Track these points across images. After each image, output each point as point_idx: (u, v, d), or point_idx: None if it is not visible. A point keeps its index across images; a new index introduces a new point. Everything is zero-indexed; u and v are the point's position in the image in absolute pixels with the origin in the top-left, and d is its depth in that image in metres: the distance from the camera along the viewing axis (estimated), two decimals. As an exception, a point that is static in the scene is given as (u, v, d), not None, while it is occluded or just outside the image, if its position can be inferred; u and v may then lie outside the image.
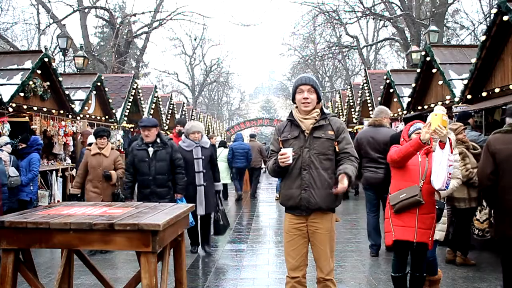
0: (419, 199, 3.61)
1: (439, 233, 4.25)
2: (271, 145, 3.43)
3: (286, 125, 3.36)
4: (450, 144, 3.55)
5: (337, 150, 3.23)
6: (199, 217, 6.18)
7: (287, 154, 3.08)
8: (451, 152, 3.56)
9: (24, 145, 6.80)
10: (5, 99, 7.61)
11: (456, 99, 8.17)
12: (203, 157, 6.03)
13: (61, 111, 9.85)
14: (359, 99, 16.07)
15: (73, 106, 10.07)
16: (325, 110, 3.36)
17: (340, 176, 3.09)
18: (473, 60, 7.53)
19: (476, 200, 5.34)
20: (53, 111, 9.51)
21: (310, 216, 3.22)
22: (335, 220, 3.37)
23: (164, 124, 17.67)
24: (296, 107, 3.34)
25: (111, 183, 6.46)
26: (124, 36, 22.19)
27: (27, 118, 8.46)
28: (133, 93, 13.98)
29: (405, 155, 3.66)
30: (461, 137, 5.26)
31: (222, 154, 12.10)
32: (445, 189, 3.65)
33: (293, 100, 3.35)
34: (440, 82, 8.98)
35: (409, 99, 10.54)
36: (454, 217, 5.54)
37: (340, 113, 20.65)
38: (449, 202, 5.26)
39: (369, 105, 14.28)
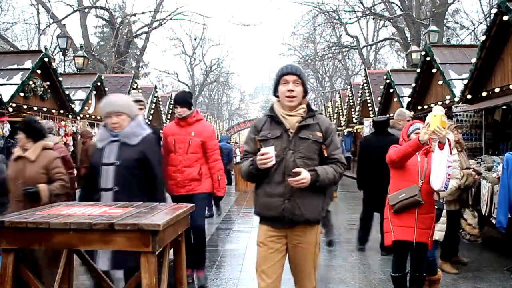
0: (419, 199, 3.60)
1: (439, 233, 4.23)
2: (245, 145, 2.91)
3: (265, 122, 2.83)
4: (449, 145, 3.54)
5: (325, 155, 2.77)
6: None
7: (269, 154, 2.61)
8: (450, 153, 3.55)
9: None
10: (5, 99, 7.61)
11: (456, 99, 8.17)
12: (118, 162, 3.32)
13: (61, 111, 9.85)
14: (359, 99, 16.09)
15: (73, 106, 10.08)
16: (313, 107, 2.91)
17: (302, 169, 2.63)
18: (473, 60, 7.54)
19: (463, 202, 5.36)
20: (53, 111, 9.51)
21: (292, 229, 2.74)
22: (320, 231, 2.94)
23: (164, 124, 17.66)
24: (278, 101, 2.84)
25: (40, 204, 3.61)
26: (124, 36, 22.20)
27: (27, 118, 8.45)
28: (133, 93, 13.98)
29: (404, 155, 3.65)
30: (455, 137, 5.11)
31: None
32: (444, 190, 3.64)
33: (275, 93, 2.85)
34: (440, 82, 8.98)
35: (409, 99, 10.54)
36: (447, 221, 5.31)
37: (340, 113, 20.66)
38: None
39: (369, 105, 14.29)
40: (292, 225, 2.72)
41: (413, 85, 10.25)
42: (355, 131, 18.07)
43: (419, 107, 10.35)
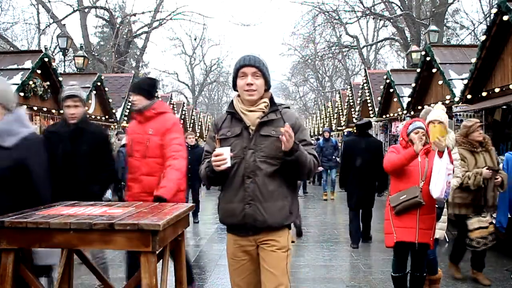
0: (420, 200, 3.60)
1: (439, 232, 4.25)
2: (206, 145, 2.65)
3: (225, 119, 2.57)
4: (449, 153, 3.56)
5: None
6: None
7: (223, 155, 2.35)
8: (451, 162, 3.57)
9: None
10: (5, 99, 7.61)
11: (456, 99, 8.17)
12: None
13: (61, 111, 9.84)
14: (359, 99, 16.09)
15: (73, 106, 10.07)
16: (276, 100, 2.59)
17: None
18: (473, 60, 7.54)
19: (477, 206, 4.72)
20: (53, 111, 9.51)
21: (259, 235, 2.47)
22: (291, 240, 2.64)
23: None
24: (239, 95, 2.56)
25: None
26: (124, 36, 22.19)
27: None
28: (133, 93, 13.98)
29: (398, 166, 3.70)
30: (477, 136, 4.76)
31: None
32: (444, 198, 3.65)
33: (234, 87, 2.58)
34: (440, 82, 8.98)
35: (409, 99, 10.55)
36: (455, 227, 5.10)
37: (340, 113, 20.67)
38: (451, 209, 4.86)
39: (369, 105, 14.29)
40: (256, 231, 2.46)
41: (413, 85, 10.25)
42: (355, 130, 18.05)
43: (419, 107, 10.34)
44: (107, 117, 12.45)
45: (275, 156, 2.41)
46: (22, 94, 8.17)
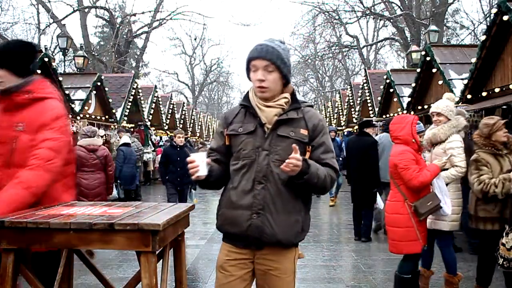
0: (442, 205, 3.76)
1: (450, 223, 4.11)
2: (212, 141, 2.34)
3: (238, 113, 2.25)
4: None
5: (306, 157, 2.12)
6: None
7: (195, 163, 2.07)
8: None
9: None
10: (5, 99, 7.61)
11: (456, 99, 8.17)
12: None
13: (61, 111, 9.85)
14: (359, 99, 16.10)
15: (73, 106, 10.09)
16: (299, 97, 2.27)
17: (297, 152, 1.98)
18: (473, 60, 7.54)
19: (500, 219, 4.05)
20: (53, 111, 9.51)
21: (261, 251, 2.15)
22: (299, 256, 2.36)
23: (164, 124, 17.68)
24: None
25: None
26: (124, 36, 22.22)
27: (27, 118, 8.45)
28: (133, 93, 14.00)
29: (428, 183, 3.80)
30: (502, 136, 4.04)
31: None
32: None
33: (249, 77, 2.22)
34: (440, 82, 8.98)
35: (409, 99, 10.55)
36: (479, 243, 4.43)
37: (340, 113, 20.68)
38: (474, 224, 4.21)
39: (369, 105, 14.30)
40: (259, 246, 2.14)
41: (413, 85, 10.25)
42: (355, 131, 18.07)
43: (419, 107, 10.35)
44: (107, 117, 12.45)
45: None
46: (22, 94, 8.17)
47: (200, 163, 2.07)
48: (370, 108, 14.23)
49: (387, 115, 12.85)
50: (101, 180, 6.20)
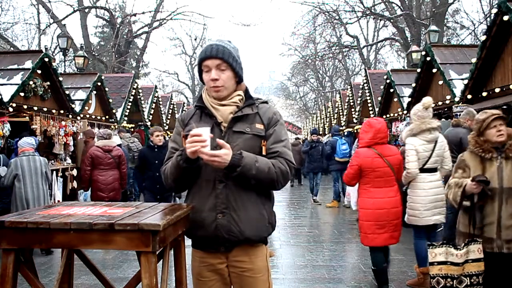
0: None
1: (437, 217, 4.58)
2: (171, 142, 2.31)
3: (193, 114, 2.27)
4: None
5: (263, 151, 2.14)
6: None
7: (203, 136, 1.97)
8: None
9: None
10: (5, 99, 7.61)
11: (456, 99, 8.17)
12: None
13: (61, 111, 9.85)
14: (359, 99, 16.09)
15: (73, 106, 10.09)
16: (253, 94, 2.30)
17: (227, 145, 2.01)
18: (473, 60, 7.54)
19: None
20: (53, 111, 9.51)
21: (232, 253, 2.15)
22: (270, 255, 2.33)
23: (164, 124, 17.68)
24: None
25: None
26: (124, 36, 22.21)
27: (27, 118, 8.47)
28: (133, 93, 14.00)
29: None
30: (495, 136, 3.29)
31: None
32: None
33: (202, 80, 2.25)
34: (440, 82, 8.98)
35: (409, 99, 10.54)
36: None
37: (341, 113, 20.67)
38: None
39: (369, 105, 14.29)
40: (229, 247, 2.13)
41: (413, 85, 10.25)
42: (355, 131, 18.07)
43: (419, 107, 10.35)
44: (107, 117, 12.46)
45: None
46: (22, 94, 8.16)
47: (207, 138, 1.97)
48: (370, 108, 14.23)
49: (387, 115, 12.85)
50: (115, 177, 7.04)
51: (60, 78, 9.47)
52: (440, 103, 9.19)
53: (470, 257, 3.15)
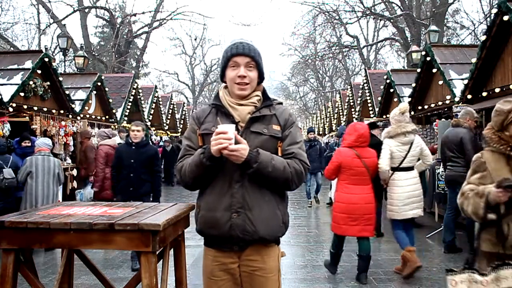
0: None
1: (415, 211, 5.06)
2: (186, 140, 2.24)
3: (209, 113, 2.23)
4: None
5: (279, 153, 2.14)
6: None
7: (228, 135, 1.94)
8: None
9: (28, 144, 6.93)
10: (5, 99, 7.61)
11: (456, 99, 8.17)
12: None
13: (61, 111, 9.85)
14: (359, 99, 16.08)
15: (73, 106, 10.08)
16: (270, 95, 2.30)
17: (244, 141, 2.01)
18: (473, 60, 7.53)
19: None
20: (53, 111, 9.51)
21: (245, 252, 2.15)
22: (281, 255, 2.32)
23: (164, 124, 17.68)
24: (226, 87, 2.24)
25: None
26: (124, 36, 22.21)
27: (27, 118, 8.47)
28: (133, 93, 14.00)
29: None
30: None
31: None
32: None
33: (222, 77, 2.24)
34: (440, 82, 8.98)
35: (409, 99, 10.53)
36: None
37: (341, 113, 20.67)
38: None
39: (369, 105, 14.29)
40: (243, 246, 2.13)
41: (413, 85, 10.24)
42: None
43: (419, 107, 10.34)
44: (107, 117, 12.45)
45: None
46: (22, 94, 8.16)
47: (232, 136, 1.94)
48: (370, 108, 14.22)
49: (387, 115, 12.85)
50: None
51: (60, 78, 9.47)
52: (440, 103, 9.19)
53: (502, 286, 2.35)
